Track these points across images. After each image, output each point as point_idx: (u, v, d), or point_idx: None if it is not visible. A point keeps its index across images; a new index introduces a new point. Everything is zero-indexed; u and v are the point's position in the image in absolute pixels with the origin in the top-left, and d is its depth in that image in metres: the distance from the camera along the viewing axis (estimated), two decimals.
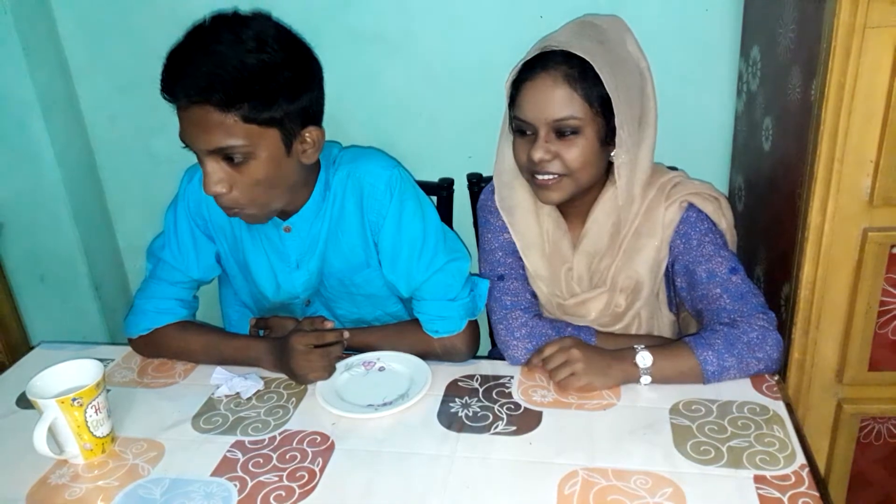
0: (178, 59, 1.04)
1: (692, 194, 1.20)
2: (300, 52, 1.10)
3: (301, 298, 1.35)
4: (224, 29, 1.03)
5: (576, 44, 1.09)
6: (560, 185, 1.14)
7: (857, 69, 1.04)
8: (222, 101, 1.01)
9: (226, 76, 1.00)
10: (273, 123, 1.06)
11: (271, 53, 1.03)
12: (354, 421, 1.08)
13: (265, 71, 1.02)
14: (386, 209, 1.21)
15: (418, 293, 1.25)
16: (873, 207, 1.13)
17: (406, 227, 1.22)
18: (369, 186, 1.22)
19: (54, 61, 1.77)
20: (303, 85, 1.09)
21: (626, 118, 1.10)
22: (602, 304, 1.24)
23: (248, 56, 1.02)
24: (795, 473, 0.92)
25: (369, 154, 1.28)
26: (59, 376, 1.05)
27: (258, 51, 1.02)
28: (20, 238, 1.89)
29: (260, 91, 1.02)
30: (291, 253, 1.27)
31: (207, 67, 1.01)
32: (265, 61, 1.02)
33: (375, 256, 1.27)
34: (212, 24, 1.05)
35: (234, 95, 1.01)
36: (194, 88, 1.01)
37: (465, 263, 1.26)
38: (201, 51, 1.02)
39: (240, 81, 1.01)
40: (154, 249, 1.31)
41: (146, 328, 1.26)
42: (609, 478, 0.93)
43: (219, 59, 1.01)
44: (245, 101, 1.02)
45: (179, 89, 1.02)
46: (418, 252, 1.22)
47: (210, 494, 0.95)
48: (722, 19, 1.56)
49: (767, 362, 1.10)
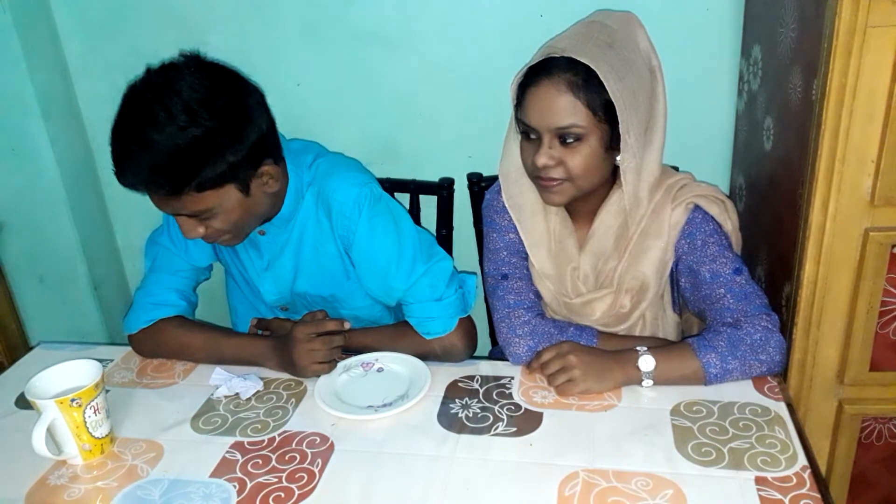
0: (119, 151, 1.06)
1: (698, 196, 1.20)
2: (233, 101, 1.08)
3: (269, 304, 1.36)
4: (154, 105, 1.03)
5: (581, 49, 1.08)
6: (562, 188, 1.14)
7: (859, 69, 1.04)
8: (171, 190, 1.05)
9: (165, 165, 1.03)
10: (226, 180, 1.09)
11: (203, 124, 1.03)
12: (354, 422, 1.08)
13: (201, 144, 1.04)
14: (355, 226, 1.23)
15: (404, 300, 1.25)
16: (874, 207, 1.12)
17: (379, 243, 1.23)
18: (337, 204, 1.23)
19: (53, 61, 1.77)
20: (243, 133, 1.09)
21: (631, 124, 1.10)
22: (607, 305, 1.23)
23: (181, 135, 1.02)
24: (797, 475, 0.91)
25: (341, 168, 1.28)
26: (58, 377, 1.05)
27: (191, 124, 1.03)
28: (19, 238, 1.89)
29: (202, 164, 1.05)
30: (264, 253, 1.30)
31: (146, 160, 1.03)
32: (199, 136, 1.04)
33: (353, 269, 1.29)
34: (142, 96, 1.05)
35: (179, 181, 1.05)
36: (141, 183, 1.06)
37: (447, 263, 1.27)
38: (136, 140, 1.04)
39: (180, 166, 1.04)
40: (153, 237, 1.34)
41: (146, 321, 1.26)
42: (610, 479, 0.93)
43: (154, 149, 1.03)
44: (191, 179, 1.05)
45: (127, 182, 1.06)
46: (395, 265, 1.23)
47: (209, 495, 0.94)
48: (723, 18, 1.56)
49: (770, 364, 1.09)
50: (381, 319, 1.40)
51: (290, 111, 1.20)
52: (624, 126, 1.09)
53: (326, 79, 1.73)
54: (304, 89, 1.74)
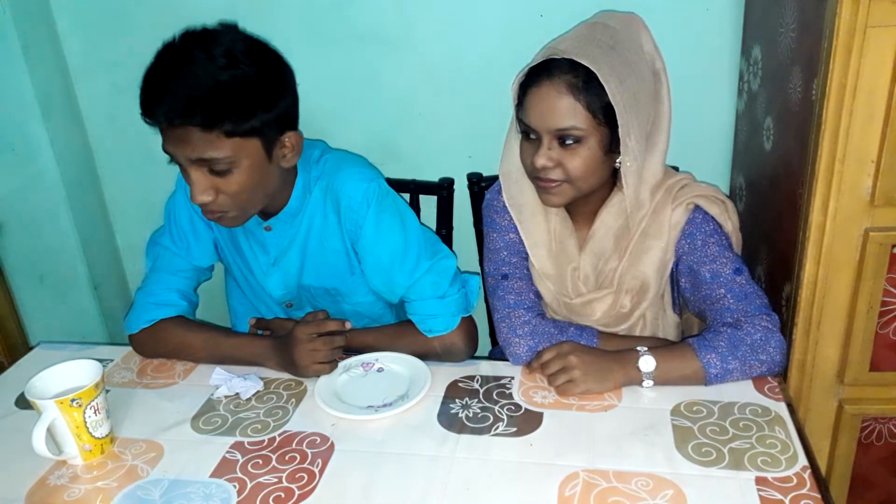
0: (155, 83, 1.06)
1: (698, 196, 1.20)
2: (271, 62, 1.12)
3: (275, 299, 1.36)
4: (195, 47, 1.05)
5: (582, 51, 1.08)
6: (561, 190, 1.14)
7: (859, 69, 1.04)
8: (203, 122, 1.04)
9: (203, 97, 1.03)
10: (254, 133, 1.09)
11: (244, 68, 1.05)
12: (354, 422, 1.08)
13: (240, 86, 1.05)
14: (363, 220, 1.23)
15: (407, 297, 1.26)
16: (874, 207, 1.12)
17: (385, 238, 1.24)
18: (346, 198, 1.23)
19: (53, 61, 1.77)
20: (277, 93, 1.11)
21: (631, 127, 1.09)
22: (607, 305, 1.23)
23: (222, 73, 1.04)
24: (797, 475, 0.91)
25: (349, 164, 1.28)
26: (58, 377, 1.05)
27: (230, 67, 1.04)
28: (19, 238, 1.89)
29: (238, 106, 1.05)
30: (271, 249, 1.30)
31: (184, 90, 1.03)
32: (238, 76, 1.04)
33: (358, 265, 1.29)
34: (182, 43, 1.07)
35: (213, 115, 1.04)
36: (174, 112, 1.04)
37: (451, 261, 1.27)
38: (175, 73, 1.04)
39: (217, 100, 1.03)
40: (154, 237, 1.34)
41: (147, 321, 1.26)
42: (610, 479, 0.93)
43: (194, 81, 1.03)
44: (225, 117, 1.04)
45: (160, 113, 1.05)
46: (400, 261, 1.23)
47: (209, 495, 0.94)
48: (723, 19, 1.56)
49: (770, 364, 1.09)
50: (383, 317, 1.41)
51: None
52: (624, 129, 1.09)
53: (326, 79, 1.73)
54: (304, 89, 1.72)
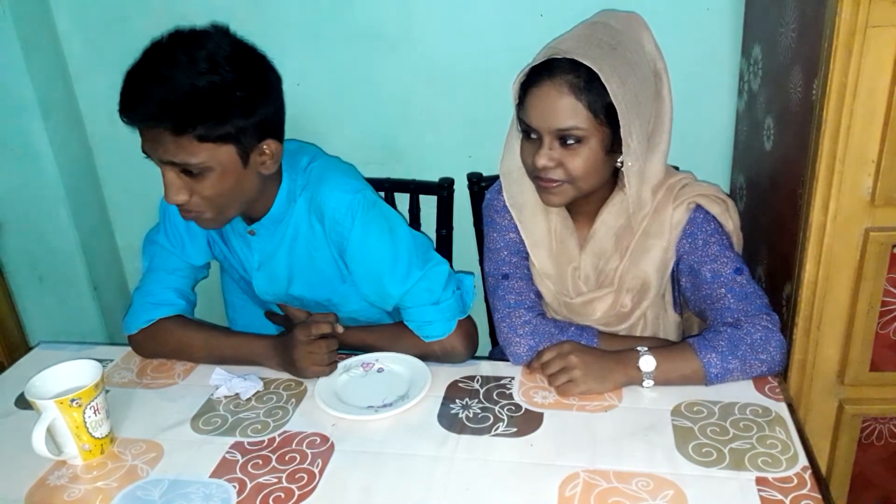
0: (132, 84, 1.06)
1: (700, 196, 1.20)
2: (255, 68, 1.11)
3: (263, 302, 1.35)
4: (178, 50, 1.05)
5: (584, 51, 1.07)
6: (562, 190, 1.14)
7: (859, 68, 1.04)
8: (175, 126, 1.04)
9: (176, 102, 1.02)
10: (228, 139, 1.08)
11: (224, 73, 1.04)
12: (354, 422, 1.08)
13: (217, 92, 1.04)
14: (349, 232, 1.22)
15: (401, 304, 1.25)
16: (875, 207, 1.12)
17: (373, 249, 1.23)
18: (330, 210, 1.22)
19: (53, 61, 1.77)
20: (258, 100, 1.10)
21: (633, 127, 1.09)
22: (608, 304, 1.23)
23: (200, 78, 1.03)
24: (797, 475, 0.91)
25: (334, 174, 1.26)
26: (58, 377, 1.05)
27: (210, 72, 1.03)
28: (19, 238, 1.88)
29: (212, 112, 1.04)
30: (255, 253, 1.29)
31: (159, 93, 1.02)
32: (217, 82, 1.04)
33: (349, 274, 1.28)
34: (167, 44, 1.07)
35: (185, 119, 1.03)
36: (146, 115, 1.04)
37: (443, 266, 1.26)
38: (153, 75, 1.04)
39: (190, 105, 1.03)
40: (150, 235, 1.33)
41: (146, 321, 1.26)
42: (610, 480, 0.93)
43: (170, 85, 1.03)
44: (197, 122, 1.04)
45: (133, 114, 1.05)
46: (390, 271, 1.22)
47: (209, 496, 0.94)
48: (723, 18, 1.56)
49: (770, 364, 1.09)
50: (379, 321, 1.40)
51: (290, 111, 1.20)
52: (626, 129, 1.09)
53: (326, 79, 1.73)
54: (304, 89, 1.74)
